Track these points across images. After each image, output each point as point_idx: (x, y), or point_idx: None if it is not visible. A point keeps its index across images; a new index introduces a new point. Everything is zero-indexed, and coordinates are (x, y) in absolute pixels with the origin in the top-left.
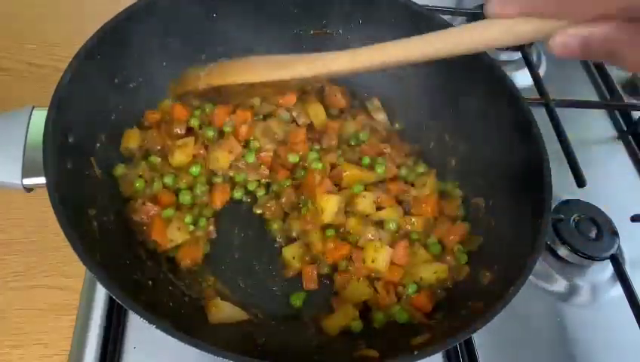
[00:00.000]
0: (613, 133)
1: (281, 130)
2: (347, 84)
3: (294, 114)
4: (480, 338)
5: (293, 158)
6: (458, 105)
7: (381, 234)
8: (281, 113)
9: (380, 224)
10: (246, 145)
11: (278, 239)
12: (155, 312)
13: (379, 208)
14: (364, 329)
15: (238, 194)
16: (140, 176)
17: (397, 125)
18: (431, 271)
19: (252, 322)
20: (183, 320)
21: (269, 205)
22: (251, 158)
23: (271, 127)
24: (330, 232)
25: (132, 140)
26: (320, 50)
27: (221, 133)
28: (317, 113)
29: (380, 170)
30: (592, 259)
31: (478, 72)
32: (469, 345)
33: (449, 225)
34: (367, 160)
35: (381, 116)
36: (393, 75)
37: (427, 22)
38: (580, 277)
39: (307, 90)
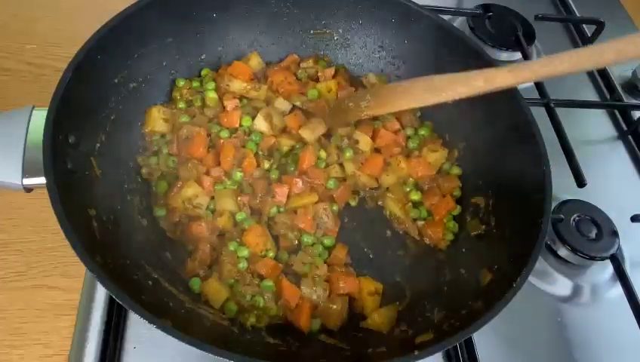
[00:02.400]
0: (613, 133)
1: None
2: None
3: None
4: (480, 338)
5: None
6: (457, 104)
7: None
8: (279, 105)
9: None
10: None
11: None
12: (155, 312)
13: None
14: (367, 330)
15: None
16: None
17: None
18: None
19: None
20: (183, 320)
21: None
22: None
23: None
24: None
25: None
26: (320, 50)
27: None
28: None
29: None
30: (592, 259)
31: None
32: (469, 345)
33: (439, 199)
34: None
35: None
36: (391, 73)
37: (427, 22)
38: (580, 277)
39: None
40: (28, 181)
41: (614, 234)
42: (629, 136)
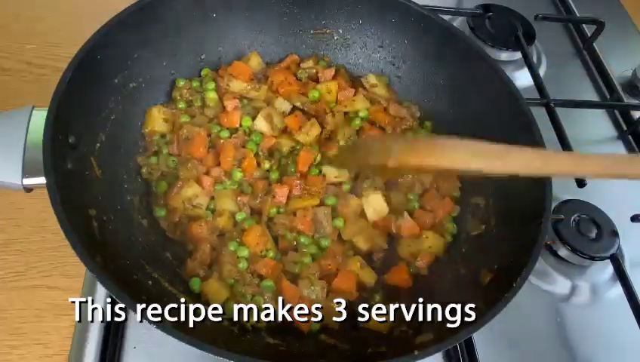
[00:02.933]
0: (613, 133)
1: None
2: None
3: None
4: (480, 338)
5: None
6: (458, 104)
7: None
8: (279, 106)
9: None
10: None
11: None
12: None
13: None
14: (367, 330)
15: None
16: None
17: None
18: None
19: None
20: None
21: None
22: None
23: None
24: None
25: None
26: (320, 50)
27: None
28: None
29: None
30: (592, 259)
31: (478, 71)
32: (469, 345)
33: (439, 200)
34: None
35: (380, 90)
36: (391, 73)
37: (427, 22)
38: (580, 277)
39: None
40: (28, 181)
41: (614, 234)
42: (629, 136)
